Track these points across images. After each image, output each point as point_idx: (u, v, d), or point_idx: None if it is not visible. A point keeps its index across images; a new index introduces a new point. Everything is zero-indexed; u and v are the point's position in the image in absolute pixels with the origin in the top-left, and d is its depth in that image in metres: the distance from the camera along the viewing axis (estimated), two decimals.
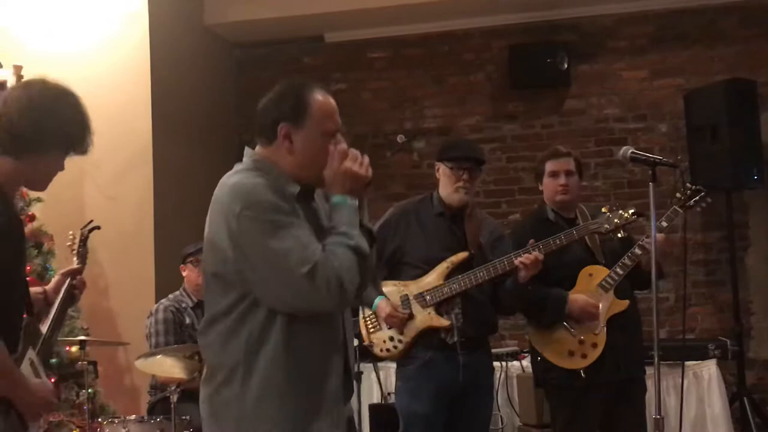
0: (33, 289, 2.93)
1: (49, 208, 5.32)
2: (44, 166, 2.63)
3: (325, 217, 2.45)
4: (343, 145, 2.42)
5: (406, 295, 3.89)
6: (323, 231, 2.38)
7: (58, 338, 4.85)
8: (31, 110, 2.55)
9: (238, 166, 2.48)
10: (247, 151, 2.53)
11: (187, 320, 4.86)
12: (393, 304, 3.87)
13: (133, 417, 4.33)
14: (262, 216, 2.29)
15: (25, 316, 2.66)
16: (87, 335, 4.81)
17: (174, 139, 6.05)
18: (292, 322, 2.32)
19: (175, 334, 4.79)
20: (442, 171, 3.96)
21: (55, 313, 2.91)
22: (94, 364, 4.84)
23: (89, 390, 4.52)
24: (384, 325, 3.92)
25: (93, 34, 5.89)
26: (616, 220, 3.85)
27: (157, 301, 5.04)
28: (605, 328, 3.93)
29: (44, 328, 2.82)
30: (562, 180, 4.07)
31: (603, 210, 3.92)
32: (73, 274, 3.03)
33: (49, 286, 3.01)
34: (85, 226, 3.33)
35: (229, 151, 6.97)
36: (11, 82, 5.32)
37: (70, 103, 2.65)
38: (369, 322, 3.98)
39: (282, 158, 2.43)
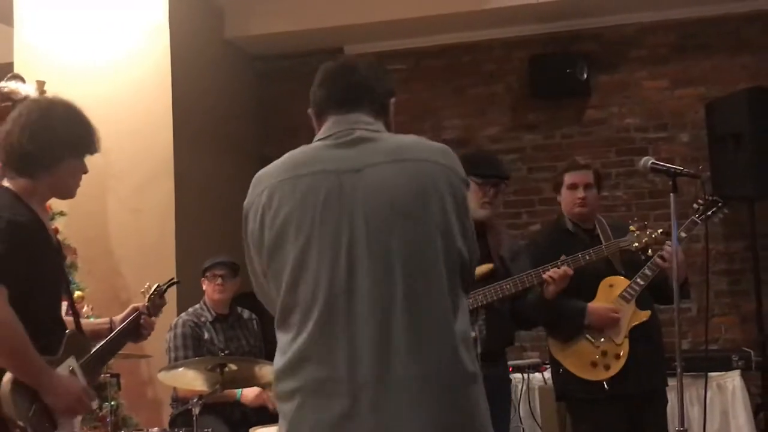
0: (99, 320, 3.08)
1: (72, 222, 5.35)
2: (61, 177, 2.72)
3: None
4: None
5: None
6: None
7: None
8: (29, 130, 2.64)
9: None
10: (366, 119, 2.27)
11: (206, 335, 4.87)
12: None
13: (155, 429, 4.35)
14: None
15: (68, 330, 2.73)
16: None
17: (195, 151, 6.08)
18: None
19: (194, 348, 4.80)
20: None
21: (113, 335, 2.98)
22: (117, 376, 4.86)
23: (112, 402, 4.54)
24: None
25: (115, 48, 5.94)
26: (645, 239, 3.87)
27: (178, 314, 5.07)
28: (627, 339, 3.92)
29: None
30: (580, 193, 4.07)
31: (631, 228, 3.93)
32: (141, 311, 3.08)
33: (117, 317, 3.10)
34: (167, 282, 3.33)
35: (250, 163, 7.01)
36: (34, 97, 5.37)
37: (60, 112, 2.72)
38: None
39: None
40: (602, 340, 3.92)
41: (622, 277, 3.98)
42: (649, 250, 3.93)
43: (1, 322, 2.45)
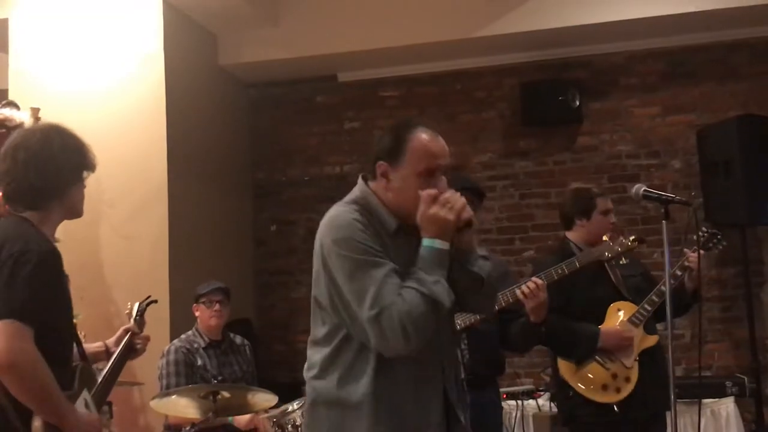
0: (93, 345, 3.16)
1: (65, 248, 5.27)
2: (72, 201, 2.80)
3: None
4: (431, 190, 2.41)
5: None
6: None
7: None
8: (33, 165, 2.68)
9: (347, 197, 2.53)
10: (359, 182, 2.56)
11: (199, 361, 4.85)
12: None
13: None
14: (349, 253, 2.34)
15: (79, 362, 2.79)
16: None
17: (189, 178, 6.09)
18: (382, 356, 2.35)
19: (187, 375, 4.77)
20: None
21: (113, 362, 3.13)
22: (109, 404, 4.82)
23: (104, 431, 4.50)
24: None
25: (109, 75, 5.96)
26: (617, 248, 3.89)
27: (171, 341, 5.05)
28: (637, 363, 3.95)
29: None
30: (612, 219, 4.11)
31: (604, 238, 3.95)
32: (132, 331, 3.27)
33: (110, 340, 3.23)
34: (144, 300, 3.54)
35: (243, 190, 7.02)
36: (29, 124, 5.38)
37: (58, 140, 2.76)
38: None
39: (383, 194, 2.49)
40: (612, 363, 3.95)
41: (630, 303, 4.01)
42: (623, 258, 3.95)
43: (28, 363, 2.46)
